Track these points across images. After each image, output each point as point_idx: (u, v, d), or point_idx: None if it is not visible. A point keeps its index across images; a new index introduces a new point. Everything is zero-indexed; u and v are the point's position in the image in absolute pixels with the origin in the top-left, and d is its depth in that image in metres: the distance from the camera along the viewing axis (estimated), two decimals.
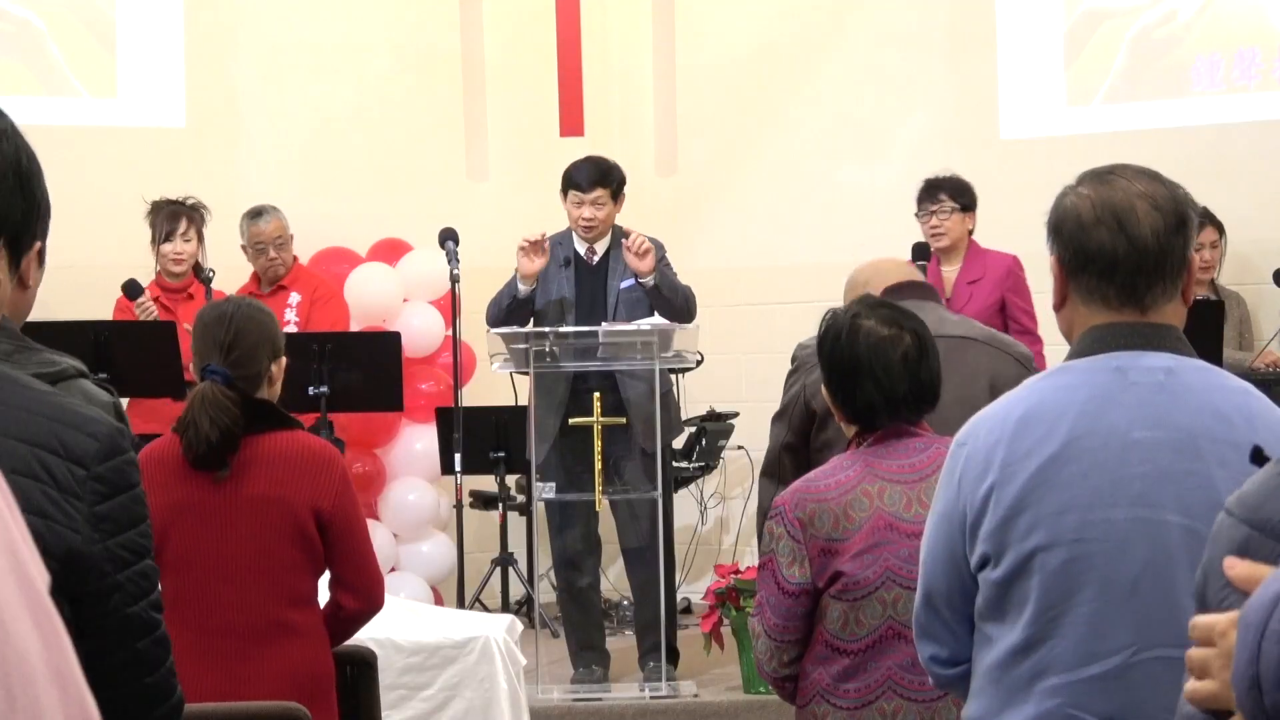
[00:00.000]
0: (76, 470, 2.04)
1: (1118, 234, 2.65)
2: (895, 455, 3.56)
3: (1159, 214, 2.65)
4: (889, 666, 3.49)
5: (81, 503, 2.04)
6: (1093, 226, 2.66)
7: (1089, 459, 2.60)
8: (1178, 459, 2.60)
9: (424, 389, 8.43)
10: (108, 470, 2.07)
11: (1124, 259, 2.65)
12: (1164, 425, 2.62)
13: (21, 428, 2.03)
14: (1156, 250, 2.65)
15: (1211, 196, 8.24)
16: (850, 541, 3.50)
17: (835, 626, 3.54)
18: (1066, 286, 2.72)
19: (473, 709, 5.52)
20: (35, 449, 2.02)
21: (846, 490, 3.53)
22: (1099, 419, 2.62)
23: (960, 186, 7.23)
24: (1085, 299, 2.70)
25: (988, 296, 7.15)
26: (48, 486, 2.01)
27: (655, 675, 6.75)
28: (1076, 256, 2.68)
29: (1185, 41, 8.53)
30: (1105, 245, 2.65)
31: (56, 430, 2.04)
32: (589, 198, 6.96)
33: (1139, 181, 2.69)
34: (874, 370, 3.59)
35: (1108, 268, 2.65)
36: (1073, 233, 2.68)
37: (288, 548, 3.96)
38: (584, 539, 6.95)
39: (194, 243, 7.76)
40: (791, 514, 3.55)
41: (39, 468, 2.02)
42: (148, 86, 8.85)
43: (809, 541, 3.52)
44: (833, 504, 3.52)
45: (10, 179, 2.07)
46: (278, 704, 3.80)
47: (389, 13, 9.24)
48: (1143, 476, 2.59)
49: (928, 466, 3.52)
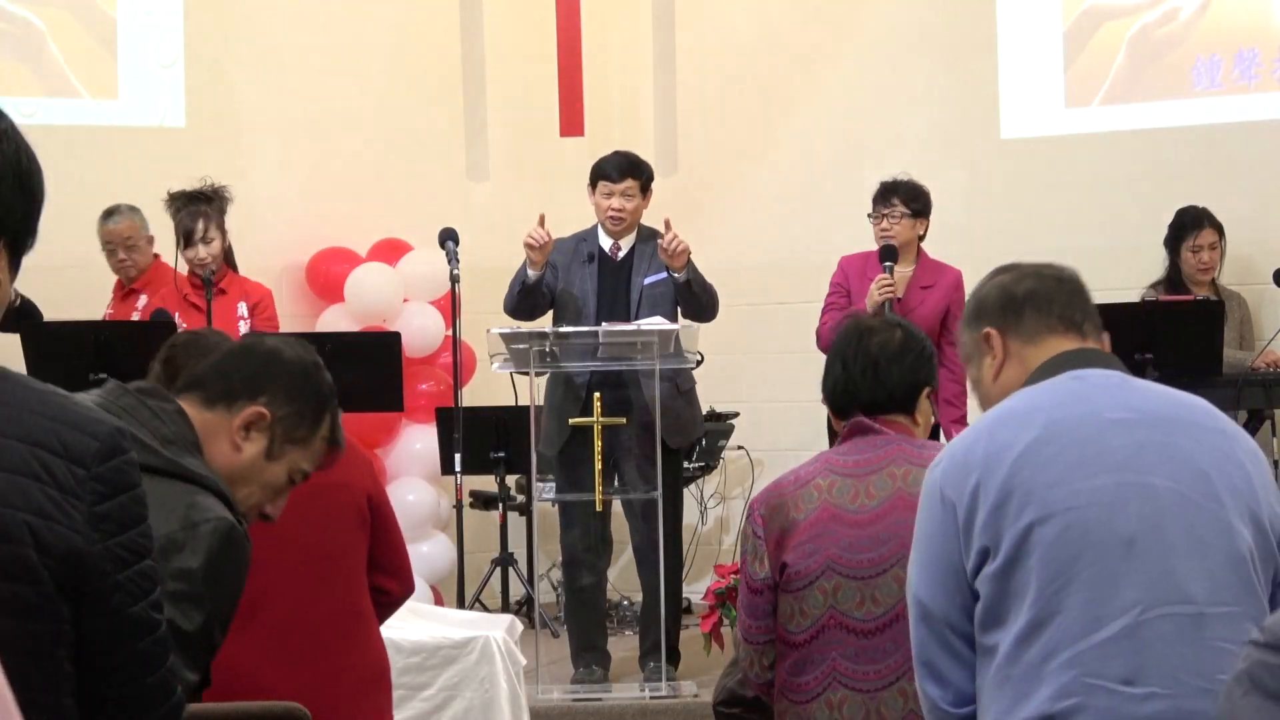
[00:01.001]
0: (77, 470, 2.04)
1: (1044, 276, 2.94)
2: (854, 451, 3.61)
3: (1070, 269, 2.98)
4: (834, 658, 3.50)
5: (82, 503, 2.04)
6: (1018, 281, 2.95)
7: (1069, 436, 2.70)
8: (1154, 433, 2.72)
9: (424, 389, 8.44)
10: (108, 470, 2.07)
11: (1055, 291, 2.91)
12: (1134, 409, 2.76)
13: (22, 428, 2.03)
14: (1078, 286, 2.93)
15: (1211, 196, 8.25)
16: (796, 532, 3.53)
17: (784, 619, 3.57)
18: (1006, 345, 2.91)
19: (473, 709, 5.52)
20: (36, 449, 2.02)
21: (801, 484, 3.58)
22: (1072, 407, 2.75)
23: (915, 191, 7.31)
24: (1029, 338, 2.89)
25: (936, 304, 7.26)
26: (48, 486, 2.01)
27: (655, 675, 6.75)
28: (1009, 304, 2.92)
29: (1185, 42, 8.53)
30: (1035, 287, 2.92)
31: (57, 430, 2.05)
32: (619, 188, 6.96)
33: (1039, 265, 3.01)
34: (844, 353, 3.63)
35: (1043, 301, 2.90)
36: (1001, 295, 2.95)
37: (355, 533, 3.93)
38: (588, 539, 6.95)
39: (215, 242, 7.47)
40: (758, 512, 3.62)
41: (39, 468, 2.02)
42: (148, 87, 8.85)
43: (768, 537, 3.57)
44: (788, 497, 3.56)
45: (11, 179, 2.07)
46: (278, 704, 3.79)
47: (389, 13, 9.24)
48: (1123, 448, 2.69)
49: (881, 461, 3.56)
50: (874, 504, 3.50)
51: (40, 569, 2.00)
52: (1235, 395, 7.36)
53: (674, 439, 6.79)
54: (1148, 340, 7.17)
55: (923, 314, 7.19)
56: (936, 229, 8.80)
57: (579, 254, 6.98)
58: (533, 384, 6.80)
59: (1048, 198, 8.66)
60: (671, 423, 6.75)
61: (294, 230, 8.04)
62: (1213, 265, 7.98)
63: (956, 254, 8.78)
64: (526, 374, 6.76)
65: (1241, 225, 8.26)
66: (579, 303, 6.92)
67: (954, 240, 8.83)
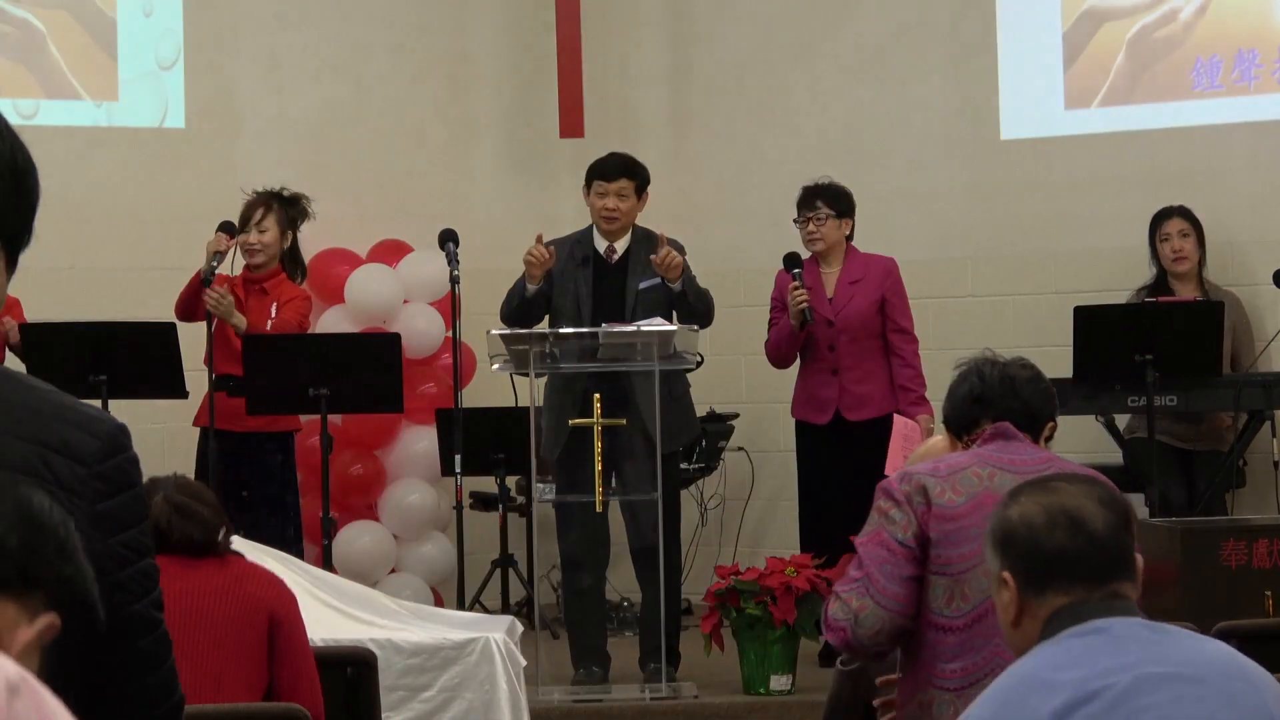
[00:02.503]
0: (78, 469, 2.04)
1: (1075, 533, 2.60)
2: (1005, 450, 3.61)
3: (1109, 511, 2.63)
4: (996, 644, 3.41)
5: (83, 501, 2.03)
6: (1047, 531, 2.61)
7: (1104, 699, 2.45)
8: (1191, 687, 2.46)
9: (424, 390, 8.43)
10: (110, 468, 2.06)
11: (1085, 556, 2.59)
12: (1168, 661, 2.49)
13: (24, 426, 2.03)
14: (1115, 546, 2.62)
15: (1211, 197, 8.26)
16: (958, 510, 3.53)
17: (938, 602, 3.55)
18: (1024, 604, 2.62)
19: (473, 710, 5.52)
20: (38, 447, 2.02)
21: (954, 470, 3.58)
22: (1101, 663, 2.49)
23: (837, 193, 7.39)
24: (1045, 602, 2.60)
25: (869, 296, 7.30)
26: (50, 485, 2.01)
27: (656, 676, 6.75)
28: (1035, 568, 2.61)
29: (1185, 42, 8.53)
30: (1064, 546, 2.60)
31: (59, 428, 2.04)
32: (613, 188, 6.96)
33: (1077, 484, 2.69)
34: (980, 368, 3.68)
35: (1068, 569, 2.59)
36: (1026, 542, 2.62)
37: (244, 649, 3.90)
38: (588, 540, 6.95)
39: (271, 233, 7.49)
40: (898, 485, 3.60)
41: (41, 466, 2.02)
42: (148, 87, 8.84)
43: (915, 507, 3.56)
44: (942, 478, 3.57)
45: (7, 178, 2.06)
46: (278, 704, 3.80)
47: (388, 13, 9.24)
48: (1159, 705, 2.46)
49: (1038, 464, 3.55)
50: None
51: None
52: (1235, 395, 7.37)
53: (666, 444, 6.78)
54: (1148, 341, 7.17)
55: (855, 308, 7.25)
56: (937, 229, 8.83)
57: (574, 256, 6.98)
58: (532, 385, 6.80)
59: (1047, 198, 8.66)
60: (663, 428, 6.74)
61: None
62: (1185, 253, 7.94)
63: (956, 254, 8.81)
64: (526, 375, 6.76)
65: (1241, 225, 8.26)
66: (575, 307, 6.92)
67: (954, 240, 8.84)
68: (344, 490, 8.21)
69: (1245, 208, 8.30)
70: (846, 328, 7.25)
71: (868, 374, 7.25)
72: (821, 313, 7.23)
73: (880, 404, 7.17)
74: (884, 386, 7.24)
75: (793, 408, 7.44)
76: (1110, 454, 7.86)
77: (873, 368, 7.26)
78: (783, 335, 7.30)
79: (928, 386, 7.19)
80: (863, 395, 7.23)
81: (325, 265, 8.74)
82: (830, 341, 7.27)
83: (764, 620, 6.65)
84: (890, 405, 7.12)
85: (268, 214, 7.55)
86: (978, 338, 8.60)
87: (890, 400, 7.17)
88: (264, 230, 7.51)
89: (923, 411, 7.12)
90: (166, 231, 8.46)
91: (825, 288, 7.32)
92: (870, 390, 7.23)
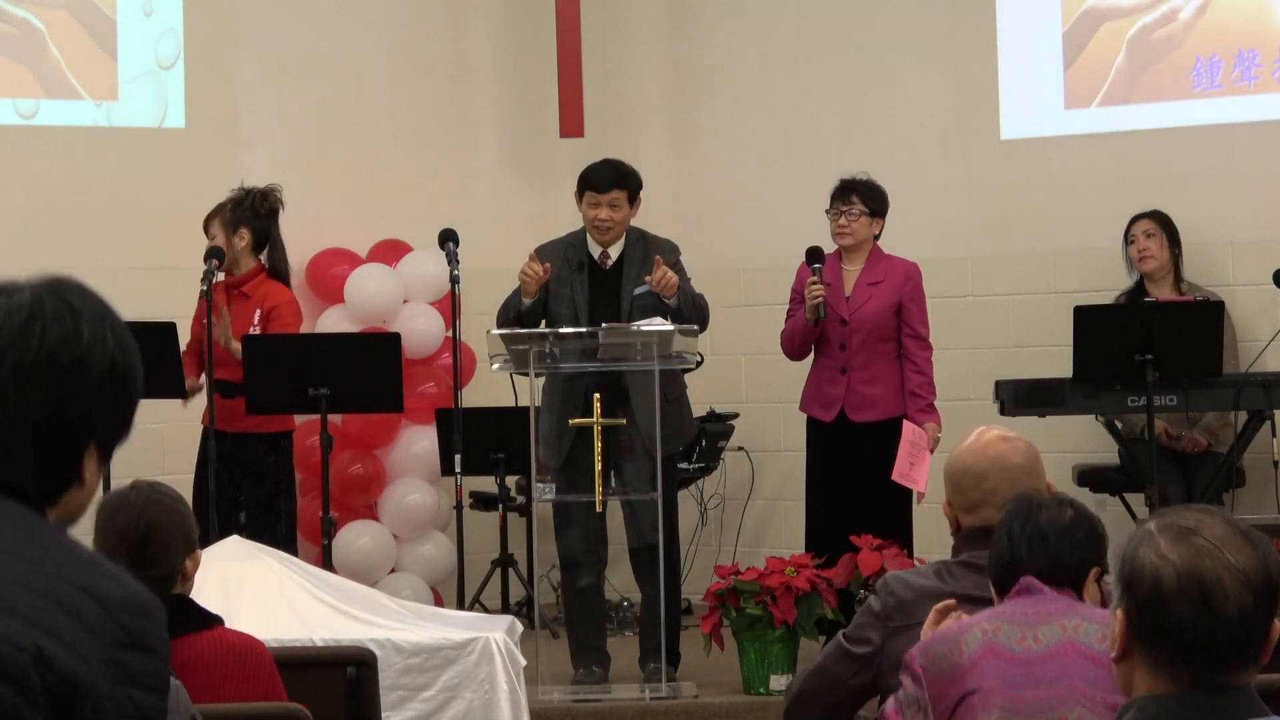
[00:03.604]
0: (99, 611, 1.97)
1: (1201, 610, 2.37)
2: (1020, 606, 3.49)
3: (1249, 592, 2.38)
4: None
5: (98, 641, 1.96)
6: (1174, 598, 2.38)
7: None
8: None
9: (424, 390, 8.44)
10: (131, 621, 1.99)
11: (1205, 639, 2.37)
12: None
13: (54, 564, 1.98)
14: (1243, 633, 2.38)
15: (1211, 197, 8.26)
16: (961, 676, 3.42)
17: None
18: (1132, 647, 2.44)
19: (473, 710, 5.52)
20: (68, 584, 1.97)
21: (963, 630, 3.46)
22: None
23: (873, 191, 7.35)
24: (1153, 669, 2.42)
25: (886, 299, 7.28)
26: (70, 618, 1.95)
27: (655, 676, 6.75)
28: (1151, 626, 2.41)
29: (1185, 42, 8.53)
30: (1186, 622, 2.37)
31: (91, 572, 2.00)
32: (605, 199, 6.96)
33: (1227, 548, 2.41)
34: (1010, 527, 3.56)
35: (1185, 647, 2.38)
36: (1149, 599, 2.40)
37: None
38: (587, 539, 6.96)
39: (219, 238, 7.45)
40: (916, 663, 3.48)
41: (66, 600, 1.96)
42: (148, 87, 8.84)
43: (930, 687, 3.44)
44: (950, 643, 3.44)
45: (106, 386, 2.04)
46: (278, 704, 3.79)
47: (388, 13, 9.24)
48: None
49: (1048, 615, 3.43)
50: (1040, 647, 3.35)
51: (33, 674, 1.91)
52: (1235, 395, 7.37)
53: (663, 446, 6.78)
54: (1148, 341, 7.17)
55: (870, 310, 7.24)
56: (936, 229, 8.83)
57: (569, 262, 6.98)
58: (532, 385, 6.81)
59: (1047, 198, 8.66)
60: (660, 431, 6.73)
61: (293, 231, 8.01)
62: (1151, 253, 7.95)
63: (956, 254, 8.81)
64: (526, 375, 6.77)
65: (1241, 226, 8.26)
66: (571, 313, 6.92)
67: (954, 240, 8.84)
68: (344, 490, 8.22)
69: (1245, 207, 8.30)
70: (860, 328, 7.24)
71: (876, 376, 7.24)
72: (837, 310, 7.22)
73: (886, 407, 7.17)
74: (892, 390, 7.22)
75: (801, 402, 7.43)
76: (1110, 454, 7.87)
77: (882, 370, 7.24)
78: (797, 328, 7.30)
79: (937, 394, 7.22)
80: (869, 396, 7.22)
81: (325, 265, 8.75)
82: (842, 340, 7.26)
83: (764, 620, 6.66)
84: (897, 409, 7.11)
85: (212, 223, 7.54)
86: (978, 337, 8.63)
87: (897, 404, 7.16)
88: (212, 237, 7.48)
89: (930, 419, 7.12)
90: (166, 231, 8.46)
91: (844, 285, 7.30)
92: (877, 392, 7.22)
